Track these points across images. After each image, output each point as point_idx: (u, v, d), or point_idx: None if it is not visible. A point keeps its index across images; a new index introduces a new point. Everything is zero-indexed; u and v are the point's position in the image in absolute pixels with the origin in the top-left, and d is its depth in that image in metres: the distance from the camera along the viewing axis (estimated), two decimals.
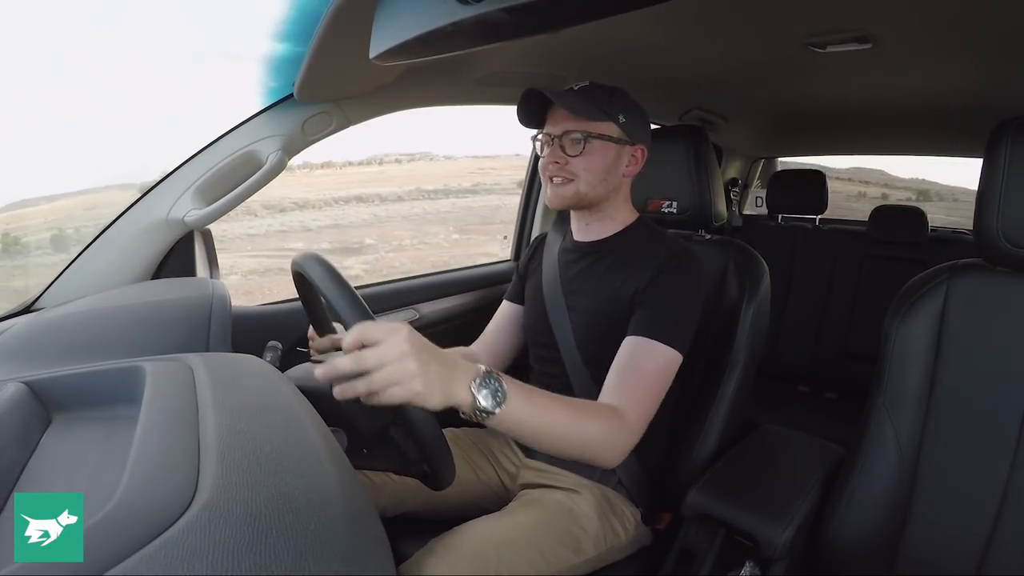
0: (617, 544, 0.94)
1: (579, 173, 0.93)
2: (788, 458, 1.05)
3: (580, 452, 0.76)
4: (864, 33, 1.02)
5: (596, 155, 0.92)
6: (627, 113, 0.94)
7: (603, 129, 0.92)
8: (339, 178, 5.24)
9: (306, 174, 5.00)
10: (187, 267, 1.07)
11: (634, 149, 0.96)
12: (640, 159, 0.98)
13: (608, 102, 0.93)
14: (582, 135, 0.91)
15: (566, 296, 1.00)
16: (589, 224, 1.02)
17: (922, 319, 0.84)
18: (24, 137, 1.11)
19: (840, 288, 2.01)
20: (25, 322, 0.82)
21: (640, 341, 0.85)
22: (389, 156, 5.38)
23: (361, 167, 5.20)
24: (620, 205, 1.00)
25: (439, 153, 5.03)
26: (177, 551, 0.30)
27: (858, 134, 2.14)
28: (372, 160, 5.24)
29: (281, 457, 0.41)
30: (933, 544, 0.82)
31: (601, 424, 0.75)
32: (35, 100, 1.12)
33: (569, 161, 0.92)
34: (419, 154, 5.27)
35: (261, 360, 0.65)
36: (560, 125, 0.93)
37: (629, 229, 1.00)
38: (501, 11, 0.51)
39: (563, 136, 0.93)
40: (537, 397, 0.69)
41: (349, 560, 0.35)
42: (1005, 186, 0.77)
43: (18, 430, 0.49)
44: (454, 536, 0.80)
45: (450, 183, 6.85)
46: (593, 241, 1.01)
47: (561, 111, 0.92)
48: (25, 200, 1.34)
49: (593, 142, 0.92)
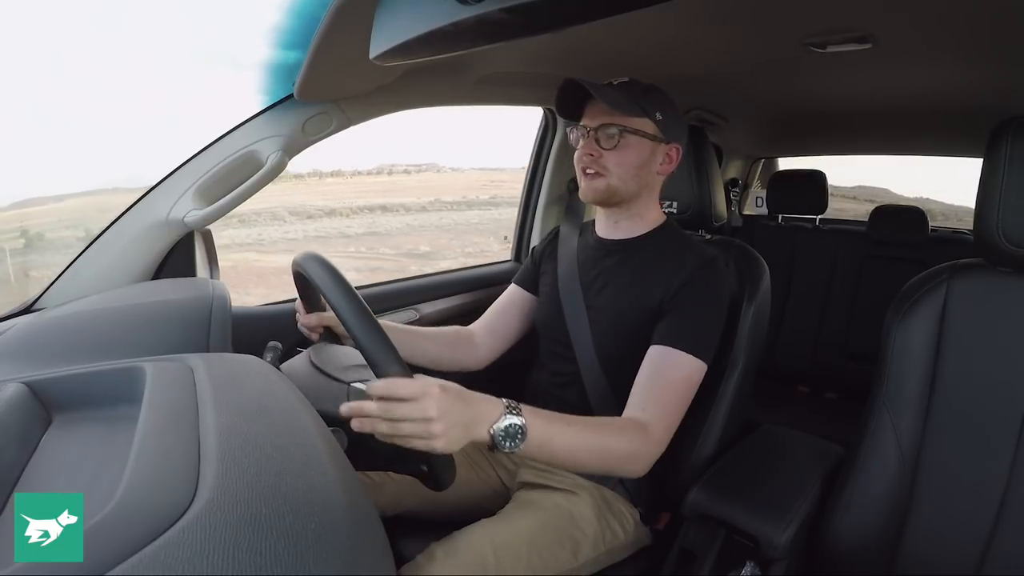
0: (616, 545, 0.94)
1: (611, 168, 0.93)
2: (788, 458, 1.05)
3: (606, 469, 0.80)
4: (864, 33, 1.02)
5: (630, 150, 0.93)
6: (664, 111, 0.94)
7: (639, 125, 0.92)
8: (352, 187, 5.29)
9: (317, 182, 5.07)
10: (187, 267, 1.07)
11: (669, 148, 0.96)
12: (675, 158, 0.98)
13: (645, 99, 0.93)
14: (618, 129, 0.92)
15: (585, 293, 1.00)
16: (618, 222, 1.01)
17: (922, 319, 0.84)
18: (27, 137, 1.12)
19: (840, 288, 2.01)
20: (25, 322, 0.82)
21: (667, 351, 0.86)
22: (397, 166, 5.45)
23: (370, 176, 5.26)
24: (650, 204, 1.01)
25: (445, 165, 5.14)
26: (177, 551, 0.30)
27: (858, 134, 2.14)
28: (381, 170, 5.31)
29: (281, 457, 0.41)
30: (933, 544, 0.82)
31: (625, 441, 0.78)
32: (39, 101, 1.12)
33: (603, 155, 0.93)
34: (425, 165, 5.36)
35: (261, 360, 0.65)
36: (597, 119, 0.94)
37: (657, 231, 1.00)
38: (501, 11, 0.51)
39: (599, 129, 0.93)
40: (557, 425, 0.72)
41: (349, 561, 0.35)
42: (1005, 186, 0.77)
43: (18, 430, 0.49)
44: (454, 540, 0.80)
45: (468, 195, 7.00)
46: (621, 240, 1.01)
47: (599, 105, 0.93)
48: (28, 200, 1.35)
49: (628, 137, 0.92)
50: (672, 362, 0.86)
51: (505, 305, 1.14)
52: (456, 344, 1.08)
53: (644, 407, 0.83)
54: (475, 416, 0.64)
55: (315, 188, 5.19)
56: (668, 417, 0.83)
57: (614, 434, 0.78)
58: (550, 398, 1.02)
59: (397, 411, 0.59)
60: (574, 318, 0.99)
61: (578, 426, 0.74)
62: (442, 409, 0.60)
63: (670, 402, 0.84)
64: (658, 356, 0.87)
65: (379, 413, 0.59)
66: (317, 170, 5.00)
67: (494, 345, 1.11)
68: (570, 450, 0.72)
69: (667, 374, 0.85)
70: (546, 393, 1.04)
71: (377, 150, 6.63)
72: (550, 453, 0.71)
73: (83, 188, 1.35)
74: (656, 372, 0.86)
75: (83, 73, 1.07)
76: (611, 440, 0.77)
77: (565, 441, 0.71)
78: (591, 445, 0.74)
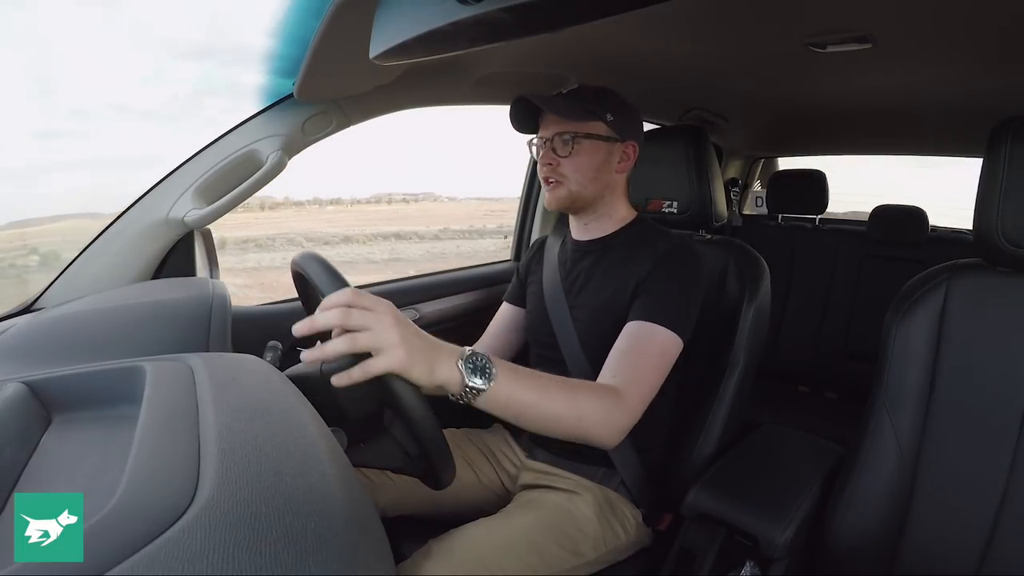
0: (617, 545, 0.94)
1: (568, 175, 0.95)
2: (788, 458, 1.05)
3: (578, 430, 0.73)
4: (864, 33, 1.02)
5: (585, 155, 0.94)
6: (616, 111, 0.95)
7: (591, 128, 0.94)
8: (354, 215, 5.31)
9: (318, 210, 5.09)
10: (187, 267, 1.07)
11: (625, 146, 0.98)
12: (632, 155, 0.99)
13: (595, 102, 0.95)
14: (570, 135, 0.94)
15: (567, 295, 1.01)
16: (588, 224, 1.02)
17: (922, 319, 0.84)
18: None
19: (840, 288, 2.01)
20: (25, 322, 0.82)
21: (640, 324, 0.85)
22: (394, 195, 5.47)
23: (369, 205, 5.29)
24: (617, 203, 1.01)
25: (442, 194, 5.17)
26: (177, 551, 0.30)
27: (858, 134, 2.14)
28: (379, 199, 5.35)
29: (281, 457, 0.41)
30: (933, 544, 0.82)
31: (598, 401, 0.74)
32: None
33: (560, 163, 0.95)
34: (422, 194, 5.40)
35: (261, 360, 0.65)
36: (551, 128, 0.96)
37: (629, 227, 1.01)
38: (501, 11, 0.51)
39: (553, 139, 0.95)
40: (527, 374, 0.69)
41: (349, 561, 0.35)
42: (1005, 186, 0.76)
43: (18, 430, 0.48)
44: (451, 538, 0.80)
45: (475, 223, 7.05)
46: (593, 240, 1.02)
47: (552, 115, 0.95)
48: (26, 220, 1.35)
49: (582, 142, 0.94)
50: (646, 334, 0.84)
51: (501, 325, 1.16)
52: None
53: (615, 374, 0.80)
54: (435, 345, 0.63)
55: (317, 215, 5.22)
56: (641, 384, 0.79)
57: (586, 393, 0.74)
58: None
59: (355, 316, 0.58)
60: (559, 321, 1.00)
61: (548, 380, 0.70)
62: (399, 319, 0.59)
63: (643, 370, 0.81)
64: (632, 330, 0.85)
65: (336, 321, 0.57)
66: (317, 198, 5.05)
67: None
68: (539, 405, 0.68)
69: (640, 345, 0.83)
70: None
71: (373, 179, 6.77)
72: (519, 405, 0.67)
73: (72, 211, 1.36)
74: (629, 344, 0.84)
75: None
76: (582, 399, 0.72)
77: (534, 393, 0.67)
78: (562, 400, 0.70)
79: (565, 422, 0.71)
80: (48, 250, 1.27)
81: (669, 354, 0.85)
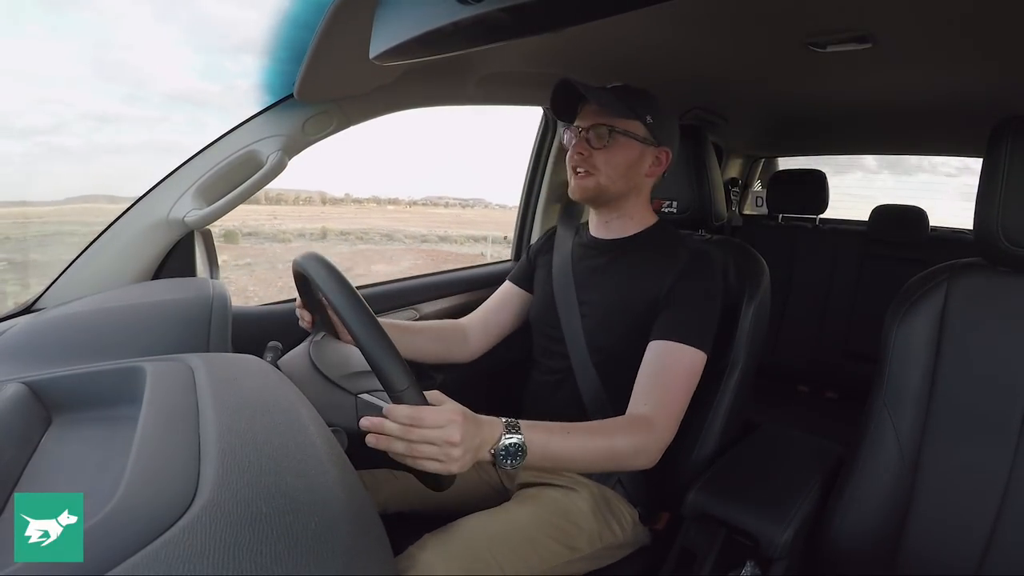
0: (613, 543, 0.94)
1: (600, 167, 0.95)
2: (788, 458, 1.05)
3: (614, 467, 0.83)
4: (864, 33, 1.02)
5: (619, 151, 0.95)
6: (655, 115, 0.96)
7: (629, 127, 0.95)
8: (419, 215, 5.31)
9: (378, 208, 5.12)
10: (187, 267, 1.07)
11: (658, 151, 0.98)
12: (664, 162, 1.00)
13: (637, 102, 0.95)
14: (607, 130, 0.94)
15: (578, 290, 1.01)
16: (609, 222, 1.03)
17: (922, 319, 0.84)
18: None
19: (840, 288, 2.01)
20: (25, 322, 0.82)
21: (668, 345, 0.88)
22: (446, 198, 5.48)
23: (426, 207, 5.30)
24: (640, 205, 1.02)
25: (492, 201, 5.17)
26: (178, 551, 0.30)
27: (858, 134, 2.14)
28: (434, 201, 5.35)
29: (281, 457, 0.41)
30: (934, 543, 0.82)
31: (631, 437, 0.80)
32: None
33: (593, 154, 0.95)
34: (473, 200, 5.39)
35: (261, 360, 0.65)
36: (589, 119, 0.96)
37: (649, 231, 1.02)
38: (501, 11, 0.51)
39: (590, 129, 0.95)
40: (557, 435, 0.74)
41: (350, 560, 0.35)
42: (1005, 186, 0.77)
43: (18, 430, 0.48)
44: (447, 531, 0.80)
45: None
46: (613, 239, 1.03)
47: (591, 106, 0.96)
48: (24, 200, 1.34)
49: (618, 138, 0.94)
50: (674, 356, 0.87)
51: (498, 302, 1.16)
52: (447, 339, 1.11)
53: (646, 402, 0.84)
54: (483, 439, 0.67)
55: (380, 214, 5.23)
56: (672, 405, 0.85)
57: (616, 434, 0.79)
58: (543, 395, 1.03)
59: (420, 435, 0.61)
60: (566, 313, 1.00)
61: (578, 433, 0.75)
62: (465, 436, 0.63)
63: (674, 393, 0.86)
64: (660, 351, 0.88)
65: (399, 434, 0.61)
66: (376, 197, 5.07)
67: (485, 341, 1.14)
68: (572, 458, 0.74)
69: (670, 368, 0.87)
70: (539, 389, 1.05)
71: (422, 182, 6.77)
72: (553, 463, 0.74)
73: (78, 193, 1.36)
74: (659, 367, 0.87)
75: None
76: (613, 441, 0.78)
77: (566, 451, 0.73)
78: (594, 449, 0.76)
79: (602, 464, 0.80)
80: (53, 231, 1.27)
81: (696, 372, 0.88)
